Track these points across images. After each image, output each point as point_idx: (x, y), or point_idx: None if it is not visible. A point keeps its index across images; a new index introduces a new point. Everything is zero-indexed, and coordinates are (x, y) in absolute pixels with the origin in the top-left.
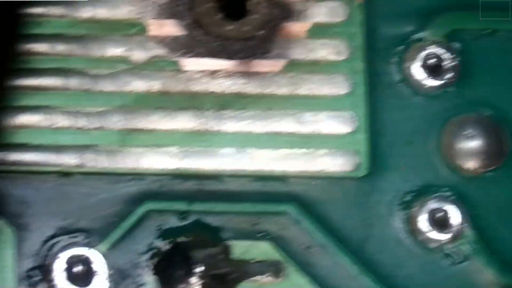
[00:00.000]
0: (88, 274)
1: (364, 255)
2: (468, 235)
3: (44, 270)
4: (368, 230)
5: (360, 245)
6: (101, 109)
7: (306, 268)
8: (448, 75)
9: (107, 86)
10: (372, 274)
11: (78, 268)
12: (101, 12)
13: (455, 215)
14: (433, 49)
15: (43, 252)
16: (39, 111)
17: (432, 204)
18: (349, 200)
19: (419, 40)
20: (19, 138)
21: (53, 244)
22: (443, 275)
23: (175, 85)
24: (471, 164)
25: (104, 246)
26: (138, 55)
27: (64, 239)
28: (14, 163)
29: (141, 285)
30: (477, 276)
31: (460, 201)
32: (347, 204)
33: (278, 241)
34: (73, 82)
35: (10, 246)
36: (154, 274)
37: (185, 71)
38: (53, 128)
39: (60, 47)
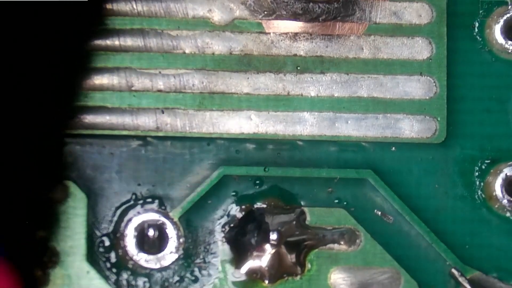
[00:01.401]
0: (161, 240)
1: (438, 223)
2: None
3: (116, 236)
4: (443, 198)
5: (435, 213)
6: (180, 71)
7: (380, 236)
8: None
9: (188, 47)
10: (446, 243)
11: (151, 233)
12: None
13: None
14: None
15: (116, 218)
16: (118, 72)
17: (509, 172)
18: (425, 167)
19: (502, 3)
20: (96, 100)
21: (126, 210)
22: None
23: (257, 48)
24: None
25: (178, 212)
26: (220, 16)
27: (138, 205)
28: (90, 126)
29: (214, 252)
30: None
31: None
32: (423, 171)
33: (354, 208)
34: (153, 43)
35: (82, 212)
36: (228, 242)
37: (266, 34)
38: (131, 90)
39: (141, 8)
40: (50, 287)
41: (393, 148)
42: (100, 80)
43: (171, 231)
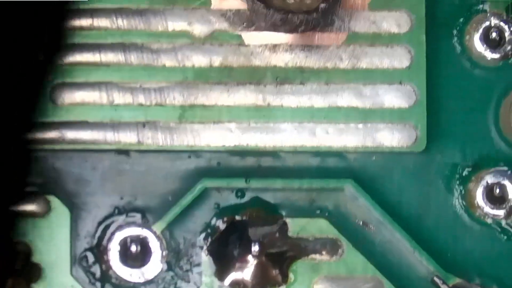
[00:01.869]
0: (144, 254)
1: (420, 231)
2: None
3: (99, 250)
4: (425, 205)
5: (416, 221)
6: (161, 84)
7: (361, 245)
8: (509, 47)
9: (168, 60)
10: (428, 251)
11: (133, 248)
12: None
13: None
14: (493, 21)
15: (99, 232)
16: (98, 87)
17: (490, 179)
18: (406, 175)
19: (480, 12)
20: (77, 115)
21: (109, 224)
22: (499, 250)
23: (236, 59)
24: None
25: (160, 225)
26: (200, 29)
27: (120, 219)
28: (72, 141)
29: (197, 264)
30: None
31: None
32: (404, 179)
33: (335, 218)
34: (133, 57)
35: (65, 226)
36: (210, 254)
37: (246, 45)
38: (112, 104)
39: (121, 22)
40: None
41: (374, 157)
42: (81, 94)
43: (154, 244)
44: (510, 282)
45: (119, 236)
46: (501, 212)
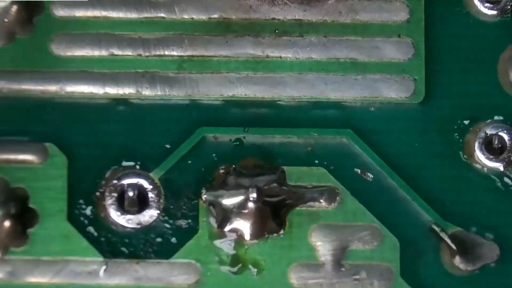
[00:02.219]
0: (141, 201)
1: (418, 181)
2: None
3: (96, 196)
4: (423, 156)
5: (415, 171)
6: (160, 36)
7: (360, 194)
8: (507, 2)
9: (167, 13)
10: (426, 200)
11: (131, 193)
12: None
13: (510, 141)
14: None
15: (96, 179)
16: (98, 39)
17: (488, 130)
18: (404, 126)
19: None
20: (77, 66)
21: (107, 171)
22: (496, 200)
23: (235, 13)
24: None
25: (158, 172)
26: None
27: (118, 166)
28: (71, 91)
29: (194, 212)
30: None
31: None
32: (402, 130)
33: (334, 167)
34: (132, 10)
35: (63, 173)
36: (208, 201)
37: None
38: (111, 55)
39: None
40: (30, 247)
41: (372, 108)
42: (80, 46)
43: (151, 191)
44: (505, 231)
45: (117, 182)
46: (499, 163)
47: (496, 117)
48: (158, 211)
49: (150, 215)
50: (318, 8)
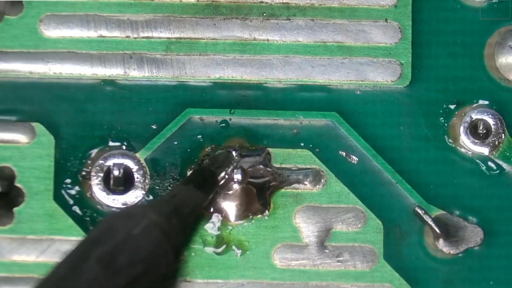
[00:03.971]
0: (127, 181)
1: (402, 164)
2: (507, 145)
3: (83, 176)
4: (408, 139)
5: (399, 154)
6: (148, 17)
7: (344, 176)
8: None
9: None
10: (410, 183)
11: (116, 172)
12: None
13: (495, 125)
14: None
15: (83, 159)
16: (86, 19)
17: (473, 115)
18: (390, 109)
19: None
20: (65, 47)
21: (93, 151)
22: (480, 184)
23: None
24: None
25: (144, 152)
26: None
27: (105, 146)
28: (60, 72)
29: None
30: None
31: (501, 112)
32: (387, 113)
33: (319, 150)
34: None
35: (49, 152)
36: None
37: None
38: (99, 36)
39: None
40: (16, 225)
41: (358, 91)
42: (69, 26)
43: (137, 171)
44: (488, 215)
45: (103, 162)
46: (484, 147)
47: (481, 102)
48: (144, 192)
49: (135, 195)
50: None
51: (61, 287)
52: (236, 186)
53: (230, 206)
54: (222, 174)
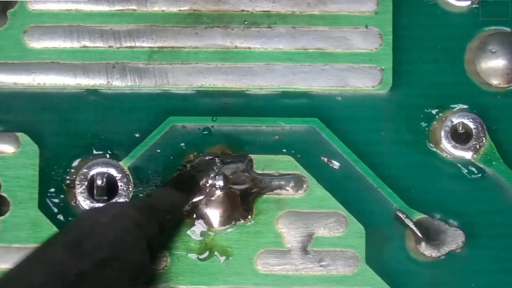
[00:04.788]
0: (111, 189)
1: (384, 169)
2: (488, 149)
3: (67, 185)
4: (389, 144)
5: (381, 159)
6: (130, 27)
7: (326, 181)
8: None
9: (138, 5)
10: (391, 188)
11: (99, 182)
12: None
13: (476, 129)
14: None
15: (67, 168)
16: (69, 30)
17: (454, 119)
18: (371, 115)
19: None
20: (48, 57)
21: (77, 160)
22: (461, 188)
23: (205, 5)
24: (494, 80)
25: (127, 161)
26: None
27: (88, 155)
28: (44, 82)
29: None
30: (497, 189)
31: (482, 116)
32: (369, 119)
33: (300, 156)
34: (104, 2)
35: (34, 162)
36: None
37: None
38: (83, 47)
39: None
40: (1, 234)
41: (339, 97)
42: (52, 37)
43: (121, 179)
44: (470, 218)
45: (86, 171)
46: (465, 151)
47: (462, 106)
48: (127, 199)
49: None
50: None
51: (26, 272)
52: (218, 192)
53: (213, 212)
54: (204, 179)
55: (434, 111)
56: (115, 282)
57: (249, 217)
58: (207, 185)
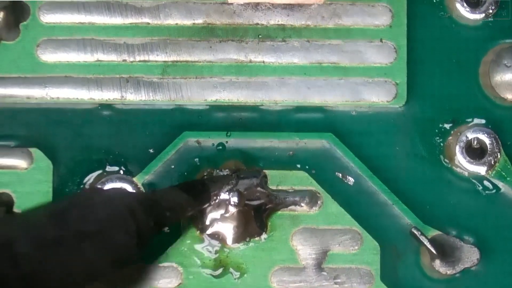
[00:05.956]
0: None
1: (399, 184)
2: (503, 164)
3: None
4: (404, 160)
5: (395, 174)
6: (144, 41)
7: (340, 197)
8: (489, 6)
9: (151, 19)
10: (406, 203)
11: None
12: None
13: (491, 145)
14: None
15: (82, 184)
16: (83, 44)
17: (469, 134)
18: (385, 130)
19: None
20: (62, 71)
21: (91, 176)
22: (476, 203)
23: (219, 18)
24: (509, 94)
25: (142, 177)
26: None
27: (103, 171)
28: (57, 97)
29: None
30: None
31: (497, 130)
32: (383, 134)
33: (315, 171)
34: (117, 15)
35: (48, 178)
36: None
37: (229, 4)
38: (96, 60)
39: None
40: None
41: (354, 112)
42: (66, 51)
43: None
44: (485, 234)
45: (101, 187)
46: (479, 166)
47: (477, 120)
48: None
49: None
50: (301, 12)
51: (6, 228)
52: (232, 209)
53: (227, 229)
54: (216, 191)
55: (448, 126)
56: (96, 258)
57: (264, 233)
58: (219, 197)
